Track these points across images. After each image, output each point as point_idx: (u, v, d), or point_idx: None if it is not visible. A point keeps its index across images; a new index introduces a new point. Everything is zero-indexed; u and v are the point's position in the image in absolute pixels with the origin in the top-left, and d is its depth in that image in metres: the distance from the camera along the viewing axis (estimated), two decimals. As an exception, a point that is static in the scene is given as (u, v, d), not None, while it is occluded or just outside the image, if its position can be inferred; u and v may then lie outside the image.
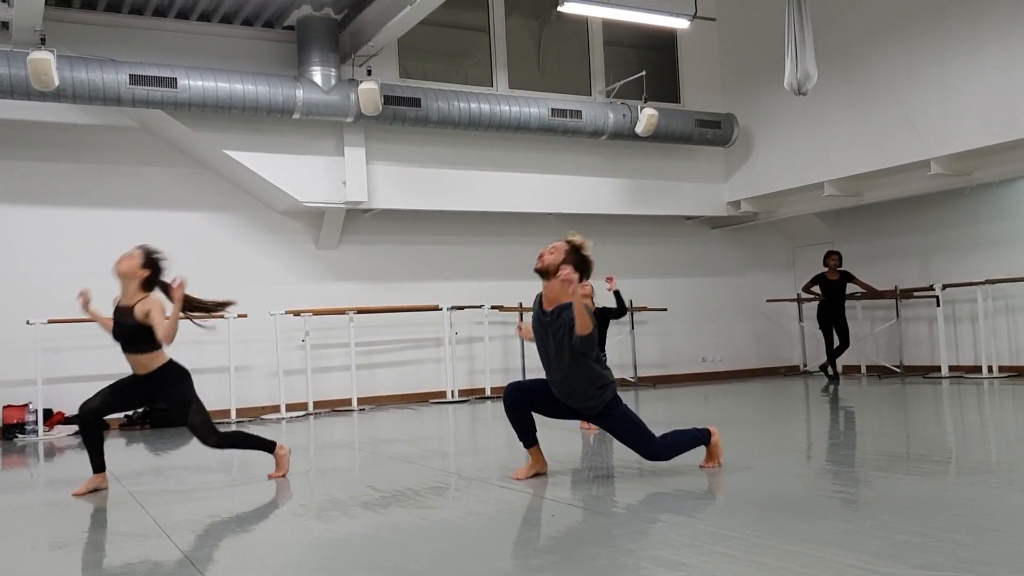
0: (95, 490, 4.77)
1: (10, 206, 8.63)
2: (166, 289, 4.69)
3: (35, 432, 8.27)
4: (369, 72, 8.88)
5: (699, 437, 4.48)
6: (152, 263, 4.74)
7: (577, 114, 10.16)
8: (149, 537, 3.56)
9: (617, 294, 7.01)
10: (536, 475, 4.51)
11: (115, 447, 7.15)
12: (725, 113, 11.35)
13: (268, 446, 4.95)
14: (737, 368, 12.27)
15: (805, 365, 12.14)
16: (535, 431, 4.53)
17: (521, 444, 4.55)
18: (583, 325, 4.08)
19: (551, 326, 4.30)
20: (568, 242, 4.31)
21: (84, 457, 4.86)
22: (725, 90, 11.81)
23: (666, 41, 11.64)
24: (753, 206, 11.64)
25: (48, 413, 8.41)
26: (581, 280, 4.61)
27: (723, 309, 12.36)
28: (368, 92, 8.62)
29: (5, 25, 7.96)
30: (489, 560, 2.99)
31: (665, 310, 11.66)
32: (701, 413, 7.83)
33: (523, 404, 4.46)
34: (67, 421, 8.35)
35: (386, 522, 3.60)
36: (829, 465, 4.71)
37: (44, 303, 8.20)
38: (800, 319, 12.17)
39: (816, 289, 10.75)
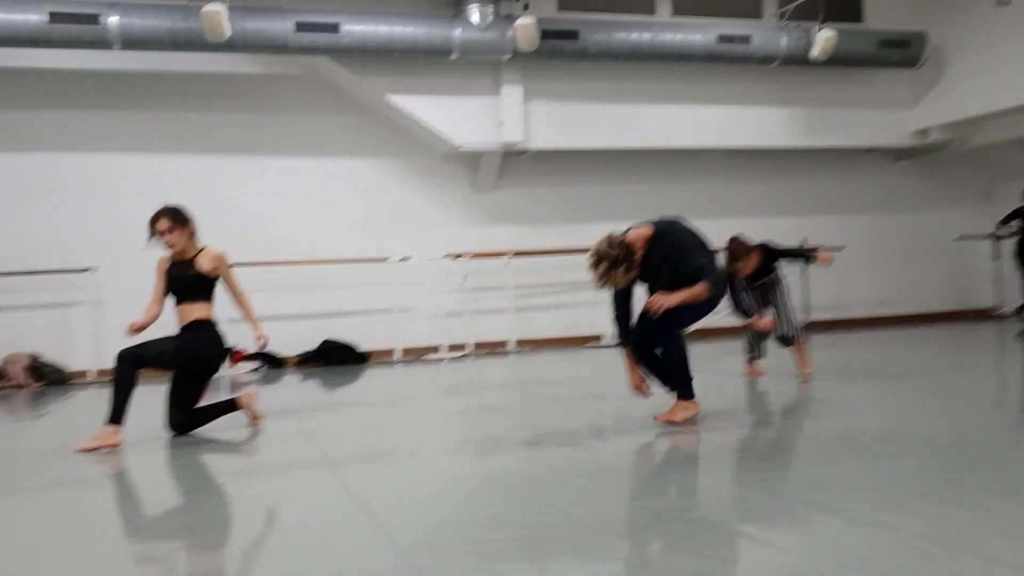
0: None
1: (188, 155, 9.15)
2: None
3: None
4: (527, 6, 8.70)
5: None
6: (185, 219, 5.12)
7: (746, 39, 9.54)
8: (316, 469, 3.67)
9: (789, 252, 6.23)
10: (688, 420, 4.33)
11: (291, 383, 7.55)
12: (915, 31, 10.32)
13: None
14: (921, 311, 11.37)
15: (1000, 308, 11.07)
16: None
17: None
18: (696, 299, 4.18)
19: (656, 270, 4.27)
20: (604, 256, 4.07)
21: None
22: (915, 4, 10.73)
23: (846, -45, 10.69)
24: (945, 134, 10.60)
25: (228, 351, 8.95)
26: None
27: (907, 248, 11.44)
28: (525, 27, 8.45)
29: (181, -19, 8.36)
30: (636, 499, 2.89)
31: (843, 247, 10.91)
32: (878, 359, 7.29)
33: (648, 347, 4.37)
34: (249, 358, 8.86)
35: (541, 460, 3.58)
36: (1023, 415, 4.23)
37: (224, 248, 8.67)
38: (996, 257, 11.07)
39: (1016, 224, 9.72)
